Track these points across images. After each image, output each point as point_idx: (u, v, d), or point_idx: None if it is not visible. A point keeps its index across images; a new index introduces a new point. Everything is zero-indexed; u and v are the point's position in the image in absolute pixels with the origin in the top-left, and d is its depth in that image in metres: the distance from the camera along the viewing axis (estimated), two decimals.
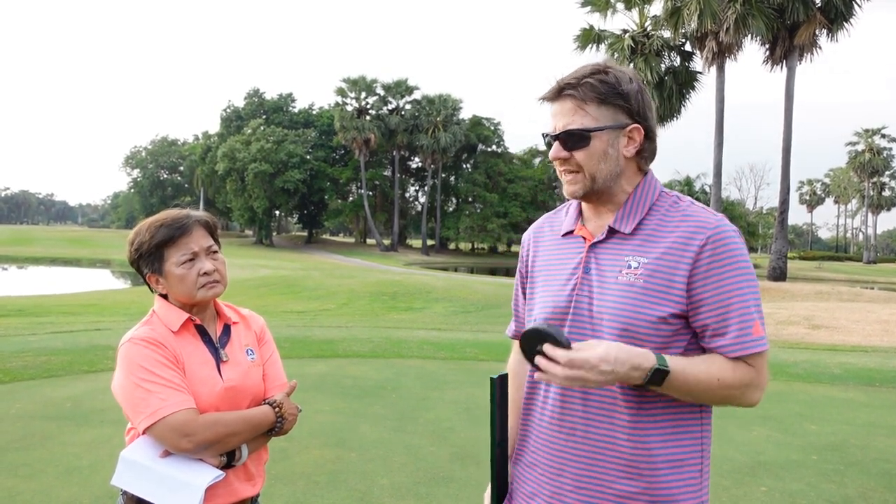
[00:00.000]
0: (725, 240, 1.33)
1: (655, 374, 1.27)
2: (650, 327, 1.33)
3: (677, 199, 1.43)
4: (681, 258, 1.33)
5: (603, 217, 1.45)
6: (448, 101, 56.73)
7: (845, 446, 4.83)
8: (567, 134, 1.38)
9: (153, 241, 1.66)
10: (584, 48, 26.56)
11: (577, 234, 1.47)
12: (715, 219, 1.36)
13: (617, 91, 1.37)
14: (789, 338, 12.46)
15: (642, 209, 1.41)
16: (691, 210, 1.39)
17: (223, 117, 64.89)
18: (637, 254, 1.37)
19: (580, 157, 1.39)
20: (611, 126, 1.38)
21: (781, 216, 26.26)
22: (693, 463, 1.37)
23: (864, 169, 69.27)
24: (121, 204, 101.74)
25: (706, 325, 1.33)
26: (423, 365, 7.69)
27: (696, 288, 1.32)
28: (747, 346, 1.31)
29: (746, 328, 1.31)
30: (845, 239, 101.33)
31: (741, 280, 1.32)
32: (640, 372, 1.26)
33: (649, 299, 1.33)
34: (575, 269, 1.44)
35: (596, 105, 1.37)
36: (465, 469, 4.13)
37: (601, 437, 1.37)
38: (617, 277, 1.37)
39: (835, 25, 23.91)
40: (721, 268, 1.31)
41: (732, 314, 1.31)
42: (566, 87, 1.39)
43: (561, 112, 1.40)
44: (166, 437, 1.53)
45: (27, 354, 7.43)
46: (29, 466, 3.98)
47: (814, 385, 7.21)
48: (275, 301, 18.84)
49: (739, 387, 1.32)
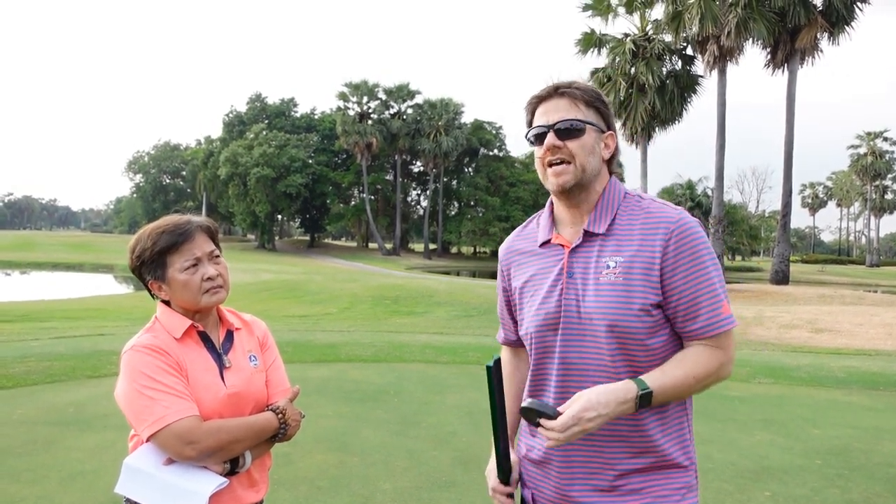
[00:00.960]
0: (688, 231, 1.46)
1: (643, 400, 1.39)
2: (636, 320, 1.44)
3: (640, 198, 1.56)
4: (652, 252, 1.45)
5: (576, 222, 1.57)
6: (450, 106, 56.81)
7: (849, 451, 4.80)
8: (565, 123, 1.51)
9: (155, 247, 1.66)
10: (585, 52, 26.61)
11: (555, 243, 1.58)
12: (676, 213, 1.49)
13: (600, 98, 1.56)
14: (792, 341, 12.42)
15: (612, 210, 1.53)
16: (654, 207, 1.52)
17: (225, 122, 65.06)
18: (614, 254, 1.49)
19: (573, 146, 1.51)
20: (597, 126, 1.55)
21: (784, 219, 26.23)
22: (680, 426, 1.53)
23: (867, 172, 69.16)
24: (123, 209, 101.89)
25: (678, 310, 1.45)
26: (426, 369, 7.68)
27: (667, 277, 1.45)
28: (719, 326, 1.45)
29: (716, 309, 1.44)
30: (848, 242, 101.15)
31: (706, 265, 1.45)
32: (628, 404, 1.39)
33: (631, 295, 1.44)
34: (558, 275, 1.54)
35: (585, 105, 1.53)
36: (467, 474, 4.12)
37: (609, 428, 1.46)
38: (598, 278, 1.48)
39: (836, 29, 23.92)
40: (686, 256, 1.44)
41: (702, 298, 1.44)
42: (562, 87, 1.54)
43: (556, 108, 1.53)
44: (170, 444, 1.53)
45: (30, 360, 7.43)
46: (32, 472, 3.98)
47: (817, 389, 7.18)
48: (277, 305, 18.84)
49: (714, 373, 1.46)
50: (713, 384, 1.49)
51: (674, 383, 1.42)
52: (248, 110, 65.05)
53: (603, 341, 1.46)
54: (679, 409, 1.53)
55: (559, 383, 1.53)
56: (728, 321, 1.45)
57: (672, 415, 1.51)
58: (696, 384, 1.45)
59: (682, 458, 1.51)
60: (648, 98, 25.25)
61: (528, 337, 1.60)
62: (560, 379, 1.53)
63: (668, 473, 1.50)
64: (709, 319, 1.44)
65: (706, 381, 1.46)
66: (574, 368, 1.50)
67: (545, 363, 1.56)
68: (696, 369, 1.45)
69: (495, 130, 64.05)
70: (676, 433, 1.52)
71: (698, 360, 1.45)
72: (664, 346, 1.48)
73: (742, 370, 8.11)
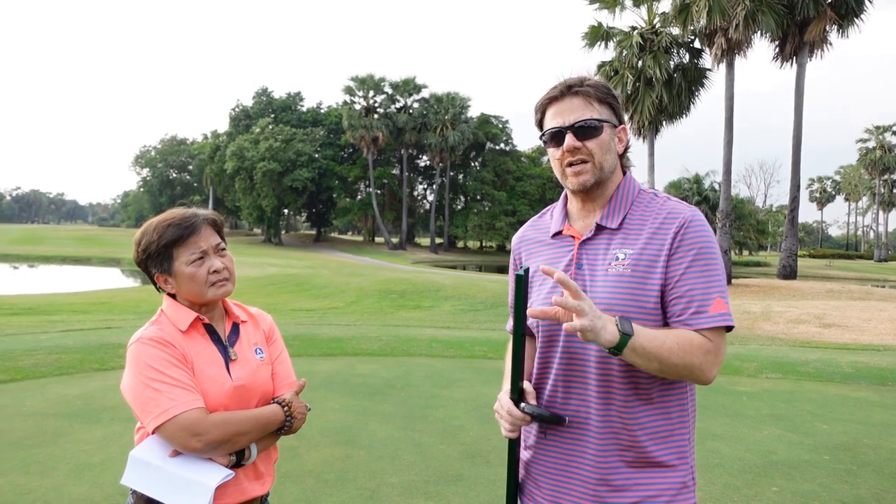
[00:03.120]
0: (696, 225, 1.47)
1: (623, 323, 1.35)
2: (643, 313, 1.45)
3: (654, 195, 1.57)
4: (661, 245, 1.47)
5: (589, 216, 1.58)
6: (456, 100, 56.64)
7: (858, 446, 4.78)
8: (583, 123, 1.51)
9: (161, 240, 1.66)
10: (592, 45, 26.42)
11: (566, 234, 1.60)
12: (688, 209, 1.51)
13: (611, 93, 1.56)
14: (800, 336, 12.36)
15: (626, 205, 1.54)
16: (668, 204, 1.53)
17: (232, 116, 65.12)
18: (623, 246, 1.50)
19: (592, 145, 1.52)
20: (611, 122, 1.55)
21: (791, 214, 26.06)
22: (682, 431, 1.51)
23: (875, 166, 68.57)
24: (130, 203, 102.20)
25: (674, 302, 1.45)
26: (432, 363, 7.69)
27: (670, 268, 1.45)
28: (710, 320, 1.43)
29: (707, 302, 1.43)
30: (856, 237, 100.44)
31: (709, 260, 1.45)
32: (612, 324, 1.34)
33: (639, 286, 1.46)
34: (567, 266, 1.56)
35: (598, 103, 1.53)
36: (474, 467, 4.12)
37: (602, 420, 1.49)
38: (607, 270, 1.49)
39: (846, 21, 23.67)
40: (690, 249, 1.45)
41: (697, 291, 1.43)
42: (574, 86, 1.54)
43: (570, 108, 1.53)
44: (176, 436, 1.53)
45: (38, 352, 7.48)
46: (41, 463, 4.00)
47: (825, 384, 7.14)
48: (283, 299, 18.89)
49: (700, 352, 1.40)
50: (695, 372, 1.41)
51: (656, 336, 1.37)
52: (255, 104, 65.08)
53: None
54: (679, 406, 1.52)
55: (561, 373, 1.54)
56: (721, 317, 1.42)
57: (670, 412, 1.50)
58: (680, 352, 1.38)
59: (673, 457, 1.50)
60: (656, 92, 25.08)
61: (535, 326, 1.62)
62: (562, 369, 1.54)
63: (660, 472, 1.48)
64: (699, 310, 1.42)
65: (689, 359, 1.39)
66: (576, 359, 1.51)
67: (549, 353, 1.58)
68: (682, 339, 1.39)
69: (502, 125, 63.84)
70: (671, 431, 1.50)
71: (685, 334, 1.41)
72: None
73: (750, 365, 8.07)
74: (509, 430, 1.54)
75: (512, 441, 1.56)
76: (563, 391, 1.54)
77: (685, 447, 1.52)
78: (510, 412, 1.52)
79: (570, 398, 1.53)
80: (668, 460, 1.49)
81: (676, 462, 1.50)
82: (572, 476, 1.53)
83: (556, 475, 1.56)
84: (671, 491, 1.48)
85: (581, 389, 1.51)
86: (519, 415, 1.51)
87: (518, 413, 1.51)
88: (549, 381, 1.57)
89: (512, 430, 1.53)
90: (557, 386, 1.55)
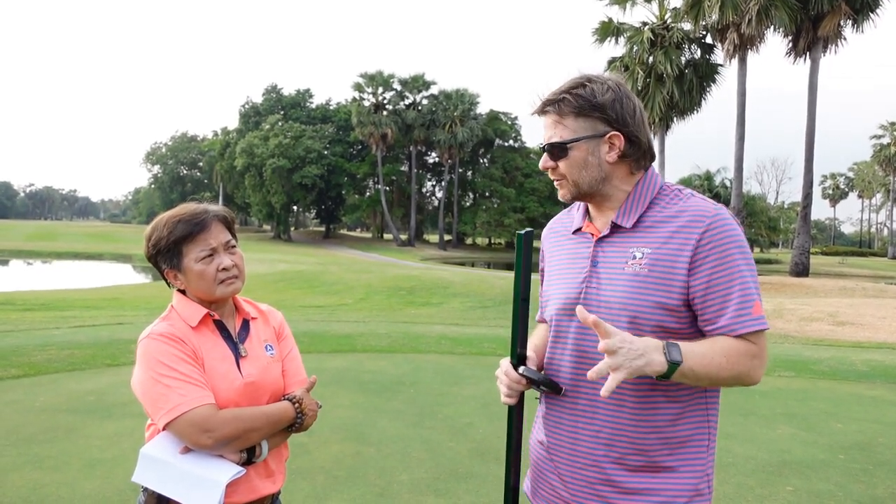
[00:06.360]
0: (724, 225, 1.40)
1: (672, 350, 1.31)
2: (656, 314, 1.41)
3: (678, 191, 1.51)
4: (683, 245, 1.41)
5: (606, 214, 1.55)
6: (465, 96, 56.54)
7: (873, 445, 4.72)
8: (549, 146, 1.51)
9: (171, 236, 1.64)
10: (602, 41, 26.28)
11: (586, 231, 1.59)
12: (714, 207, 1.44)
13: (592, 104, 1.46)
14: (813, 334, 12.24)
15: (642, 204, 1.50)
16: (691, 201, 1.47)
17: (241, 113, 65.29)
18: (641, 244, 1.46)
19: (562, 166, 1.51)
20: (588, 136, 1.48)
21: (804, 210, 25.85)
22: (700, 436, 1.47)
23: (890, 163, 67.79)
24: (141, 199, 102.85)
25: (708, 307, 1.39)
26: (441, 360, 7.68)
27: (698, 271, 1.39)
28: (749, 324, 1.38)
29: (747, 307, 1.38)
30: (869, 234, 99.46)
31: (741, 263, 1.39)
32: (659, 353, 1.30)
33: (654, 287, 1.41)
34: (583, 263, 1.55)
35: (573, 118, 1.48)
36: (484, 465, 4.11)
37: (609, 419, 1.46)
38: (623, 268, 1.46)
39: (860, 16, 23.43)
40: (721, 251, 1.39)
41: (734, 295, 1.38)
42: (547, 104, 1.51)
43: (545, 126, 1.53)
44: (186, 432, 1.52)
45: (51, 348, 7.53)
46: (53, 459, 4.03)
47: (840, 383, 7.07)
48: (293, 296, 18.94)
49: (746, 359, 1.37)
50: (743, 378, 1.40)
51: (703, 353, 1.34)
52: (264, 101, 65.22)
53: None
54: (697, 409, 1.48)
55: (572, 370, 1.52)
56: (759, 321, 1.38)
57: (687, 416, 1.47)
58: (727, 365, 1.35)
59: (687, 462, 1.46)
60: (667, 88, 24.91)
61: (550, 320, 1.62)
62: (573, 366, 1.52)
63: (672, 477, 1.45)
64: (737, 316, 1.37)
65: (738, 368, 1.37)
66: (587, 357, 1.49)
67: (558, 348, 1.57)
68: (729, 349, 1.36)
69: (511, 121, 63.67)
70: (687, 436, 1.47)
71: (729, 343, 1.37)
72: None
73: None
74: (506, 395, 1.54)
75: (511, 408, 1.56)
76: (573, 390, 1.52)
77: (702, 452, 1.49)
78: (507, 373, 1.53)
79: (579, 398, 1.51)
80: (681, 465, 1.46)
81: (690, 467, 1.46)
82: (580, 477, 1.51)
83: (565, 475, 1.54)
84: (683, 497, 1.45)
85: (591, 390, 1.48)
86: (515, 377, 1.51)
87: (515, 375, 1.51)
88: (558, 378, 1.56)
89: (509, 393, 1.53)
90: (568, 384, 1.53)
